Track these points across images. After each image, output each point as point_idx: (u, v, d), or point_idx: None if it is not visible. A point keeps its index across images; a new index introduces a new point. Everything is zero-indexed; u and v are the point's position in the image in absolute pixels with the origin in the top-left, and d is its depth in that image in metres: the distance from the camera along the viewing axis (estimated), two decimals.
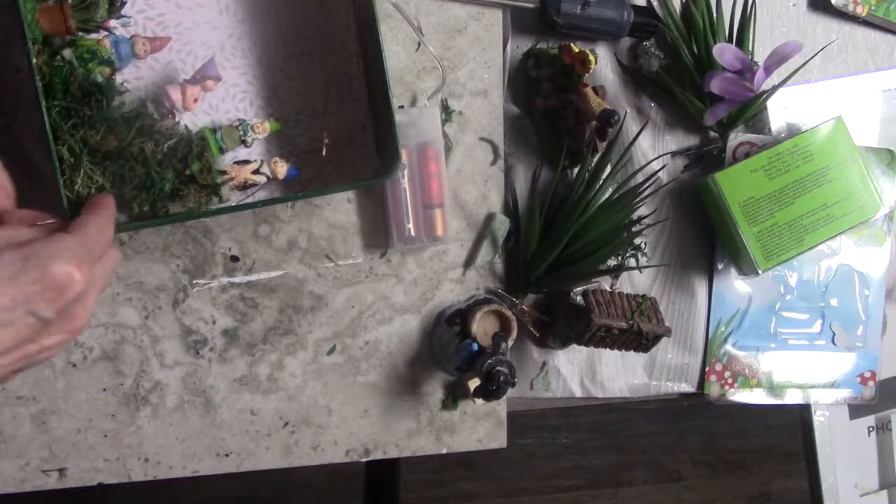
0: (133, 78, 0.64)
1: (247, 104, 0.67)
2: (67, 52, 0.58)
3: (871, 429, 0.90)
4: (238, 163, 0.65)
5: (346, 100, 0.69)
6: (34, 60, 0.56)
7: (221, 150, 0.64)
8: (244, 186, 0.65)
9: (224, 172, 0.63)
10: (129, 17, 0.63)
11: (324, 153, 0.68)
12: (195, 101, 0.63)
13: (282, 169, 0.65)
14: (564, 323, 0.73)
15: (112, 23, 0.62)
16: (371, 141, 0.69)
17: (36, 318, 0.44)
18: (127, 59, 0.62)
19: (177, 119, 0.64)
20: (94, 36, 0.61)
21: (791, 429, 0.88)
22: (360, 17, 0.68)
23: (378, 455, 0.73)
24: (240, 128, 0.64)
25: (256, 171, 0.65)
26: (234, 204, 0.64)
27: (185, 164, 0.62)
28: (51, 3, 0.57)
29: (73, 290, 0.44)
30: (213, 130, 0.64)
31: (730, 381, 0.82)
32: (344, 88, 0.69)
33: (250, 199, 0.66)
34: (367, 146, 0.69)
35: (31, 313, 0.43)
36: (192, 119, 0.65)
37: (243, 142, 0.64)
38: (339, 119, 0.69)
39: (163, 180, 0.61)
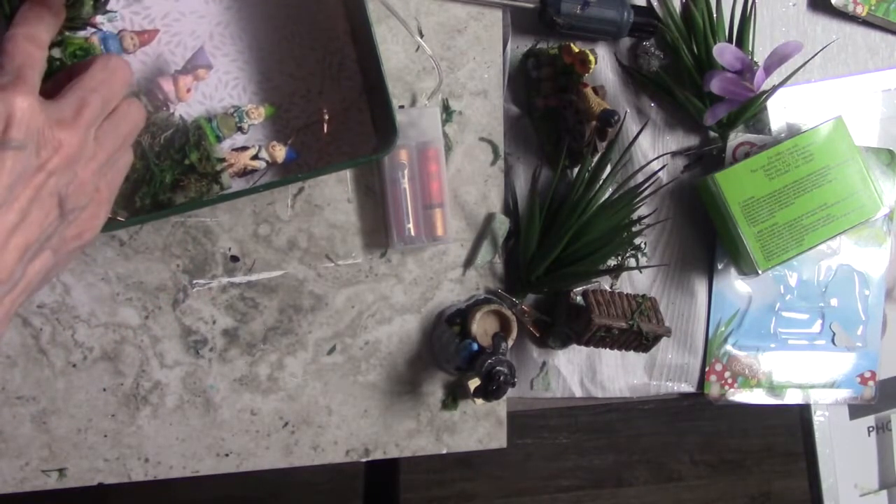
0: None
1: (240, 90, 0.67)
2: (57, 52, 0.58)
3: (871, 429, 0.90)
4: (236, 150, 0.65)
5: (340, 79, 0.69)
6: None
7: (219, 139, 0.64)
8: (244, 173, 0.65)
9: (223, 160, 0.63)
10: (115, 12, 0.63)
11: (325, 130, 0.68)
12: (188, 91, 0.63)
13: (280, 153, 0.65)
14: (564, 323, 0.73)
15: (98, 19, 0.61)
16: (367, 119, 0.69)
17: (12, 148, 0.43)
18: (117, 54, 0.62)
19: (171, 110, 0.64)
20: (81, 34, 0.61)
21: (791, 429, 0.88)
22: (347, 5, 0.68)
23: (378, 455, 0.73)
24: (235, 114, 0.64)
25: (255, 157, 0.65)
26: (236, 190, 0.64)
27: (182, 154, 0.62)
28: None
29: (17, 110, 0.43)
30: (209, 119, 0.64)
31: (730, 381, 0.82)
32: (336, 68, 0.69)
33: (252, 185, 0.66)
34: (364, 124, 0.69)
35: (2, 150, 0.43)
36: (187, 109, 0.65)
37: (239, 128, 0.65)
38: (333, 98, 0.68)
39: (162, 172, 0.62)
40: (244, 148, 0.65)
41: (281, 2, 0.67)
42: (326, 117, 0.68)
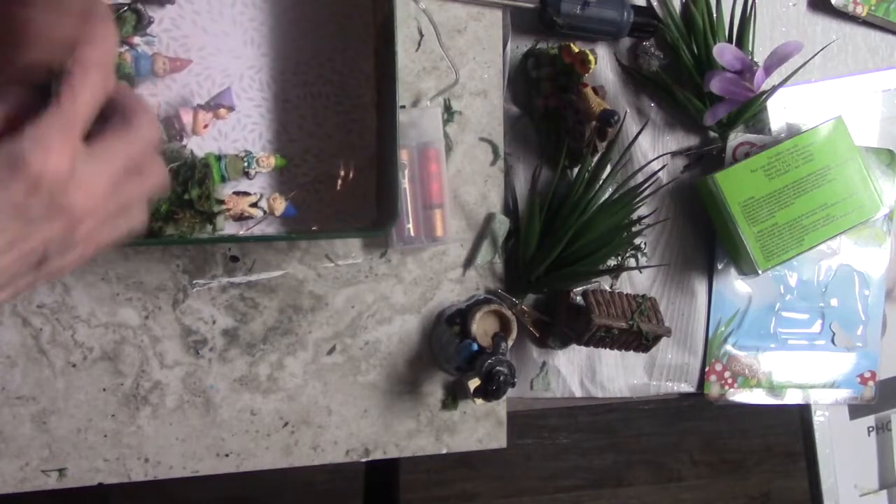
0: (148, 94, 0.64)
1: (256, 136, 0.67)
2: None
3: (870, 429, 0.90)
4: (237, 193, 0.65)
5: (356, 147, 0.69)
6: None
7: (223, 179, 0.64)
8: (240, 217, 0.65)
9: (222, 202, 0.63)
10: (154, 36, 0.63)
11: (338, 187, 0.68)
12: (205, 126, 0.63)
13: (280, 206, 0.65)
14: (564, 323, 0.73)
15: (136, 39, 0.62)
16: (372, 190, 0.69)
17: (23, 218, 0.40)
18: (146, 75, 0.62)
19: (184, 142, 0.64)
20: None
21: (791, 429, 0.88)
22: (378, 74, 0.69)
23: (378, 455, 0.73)
24: (245, 159, 0.64)
25: (254, 205, 0.65)
26: (228, 234, 0.64)
27: (184, 188, 0.62)
28: None
29: (47, 179, 0.39)
30: (218, 158, 0.64)
31: (730, 381, 0.82)
32: (354, 136, 0.69)
33: (244, 232, 0.66)
34: (368, 195, 0.69)
35: (14, 217, 0.39)
36: (200, 143, 0.65)
37: (246, 173, 0.65)
38: (345, 164, 0.69)
39: (159, 201, 0.61)
40: (245, 193, 0.65)
41: (317, 60, 0.68)
42: (340, 181, 0.68)
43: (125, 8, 0.61)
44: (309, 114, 0.68)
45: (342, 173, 0.69)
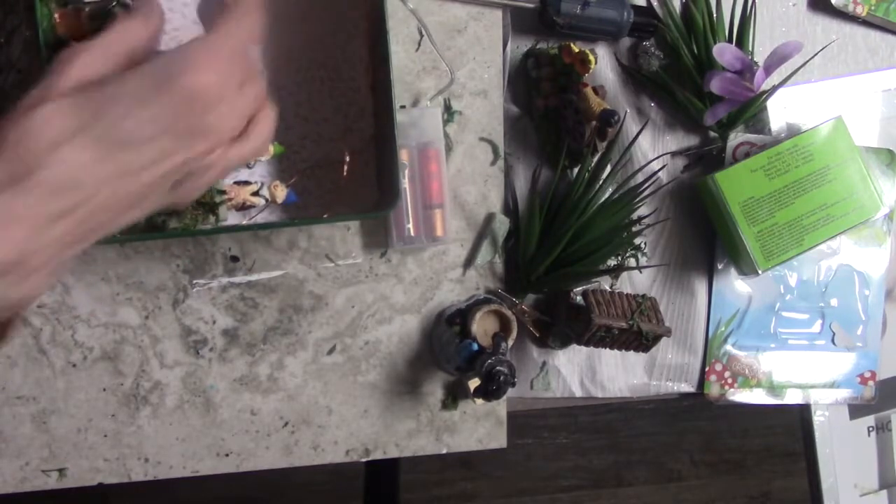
0: None
1: None
2: None
3: (871, 429, 0.90)
4: (238, 183, 0.65)
5: (353, 130, 0.69)
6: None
7: None
8: (242, 207, 0.65)
9: (224, 192, 0.63)
10: None
11: (338, 171, 0.68)
12: None
13: (281, 193, 0.65)
14: (564, 323, 0.73)
15: None
16: (373, 172, 0.69)
17: (174, 135, 0.41)
18: None
19: None
20: None
21: (791, 429, 0.88)
22: (373, 59, 0.68)
23: (378, 455, 0.73)
24: None
25: (256, 193, 0.65)
26: (231, 224, 0.64)
27: None
28: (69, 9, 0.58)
29: (207, 96, 0.41)
30: None
31: (730, 381, 0.82)
32: (351, 119, 0.69)
33: (248, 221, 0.66)
34: (369, 177, 0.69)
35: (166, 133, 0.41)
36: None
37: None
38: (343, 148, 0.69)
39: None
40: (246, 182, 0.65)
41: (308, 45, 0.67)
42: (340, 165, 0.68)
43: (114, 3, 0.61)
44: (304, 99, 0.68)
45: (341, 157, 0.68)
